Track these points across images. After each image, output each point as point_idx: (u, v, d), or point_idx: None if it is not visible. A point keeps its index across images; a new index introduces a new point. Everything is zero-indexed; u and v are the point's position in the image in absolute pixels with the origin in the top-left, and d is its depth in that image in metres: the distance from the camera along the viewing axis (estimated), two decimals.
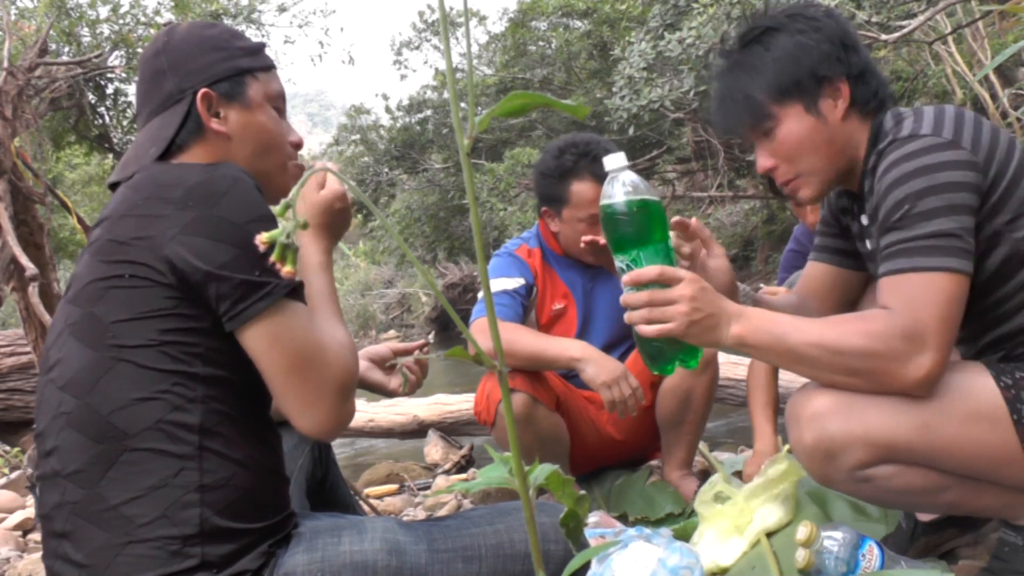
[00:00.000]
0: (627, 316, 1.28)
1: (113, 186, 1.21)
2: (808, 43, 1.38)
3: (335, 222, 1.26)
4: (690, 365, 1.33)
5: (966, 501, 1.36)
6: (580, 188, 2.20)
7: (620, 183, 1.24)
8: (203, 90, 1.19)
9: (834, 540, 1.53)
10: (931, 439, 1.28)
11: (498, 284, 2.25)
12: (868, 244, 1.48)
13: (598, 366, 2.02)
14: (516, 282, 2.28)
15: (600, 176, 2.16)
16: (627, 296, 1.27)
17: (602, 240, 1.97)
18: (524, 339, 2.12)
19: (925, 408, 1.27)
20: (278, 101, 1.27)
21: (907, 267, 1.24)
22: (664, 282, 1.25)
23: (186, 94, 1.19)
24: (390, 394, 1.50)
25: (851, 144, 1.42)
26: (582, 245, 2.15)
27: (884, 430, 1.29)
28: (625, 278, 1.27)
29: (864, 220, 1.47)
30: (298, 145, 1.30)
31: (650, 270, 1.24)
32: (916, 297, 1.22)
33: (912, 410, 1.27)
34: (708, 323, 1.24)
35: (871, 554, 1.52)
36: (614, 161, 1.25)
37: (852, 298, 1.63)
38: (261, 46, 1.28)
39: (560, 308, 2.34)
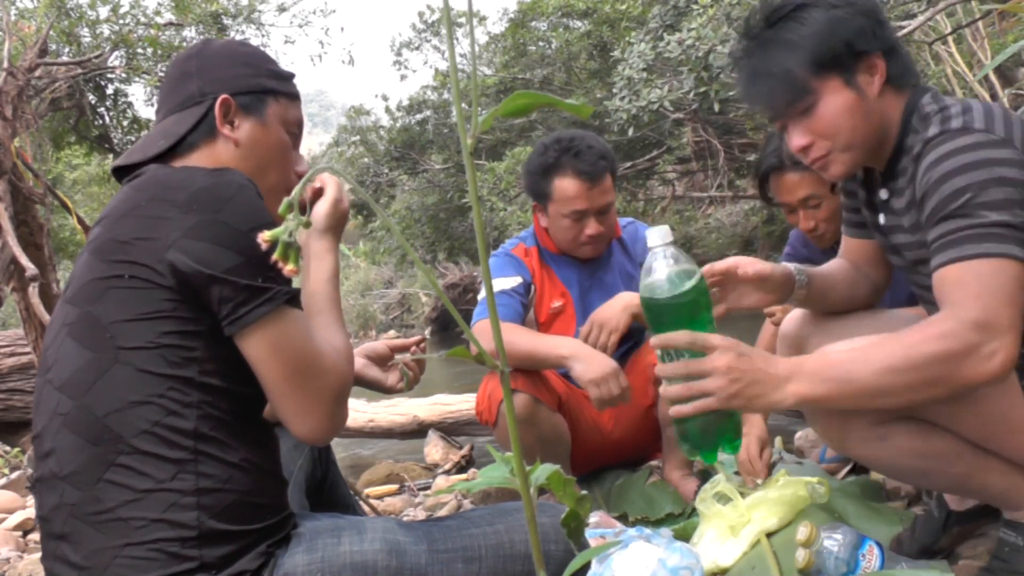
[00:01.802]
0: (663, 391, 1.22)
1: (117, 171, 1.22)
2: (843, 16, 1.36)
3: (341, 223, 1.30)
4: (731, 450, 1.25)
5: (975, 474, 1.38)
6: (562, 184, 2.21)
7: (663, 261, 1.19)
8: (223, 96, 1.21)
9: (834, 540, 1.53)
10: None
11: (496, 284, 2.26)
12: (881, 218, 1.49)
13: (587, 363, 2.02)
14: (514, 281, 2.28)
15: (580, 171, 2.18)
16: (660, 367, 1.21)
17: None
18: (518, 338, 2.12)
19: None
20: (293, 127, 1.28)
21: (975, 253, 1.22)
22: (697, 350, 1.18)
23: (207, 98, 1.21)
24: (387, 391, 1.51)
25: (885, 120, 1.40)
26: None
27: None
28: (652, 340, 1.20)
29: (884, 195, 1.46)
30: (303, 176, 1.30)
31: (680, 335, 1.17)
32: (985, 284, 1.21)
33: None
34: (753, 391, 1.19)
35: (871, 554, 1.52)
36: (657, 236, 1.20)
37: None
38: (291, 75, 1.30)
39: (559, 306, 2.35)
